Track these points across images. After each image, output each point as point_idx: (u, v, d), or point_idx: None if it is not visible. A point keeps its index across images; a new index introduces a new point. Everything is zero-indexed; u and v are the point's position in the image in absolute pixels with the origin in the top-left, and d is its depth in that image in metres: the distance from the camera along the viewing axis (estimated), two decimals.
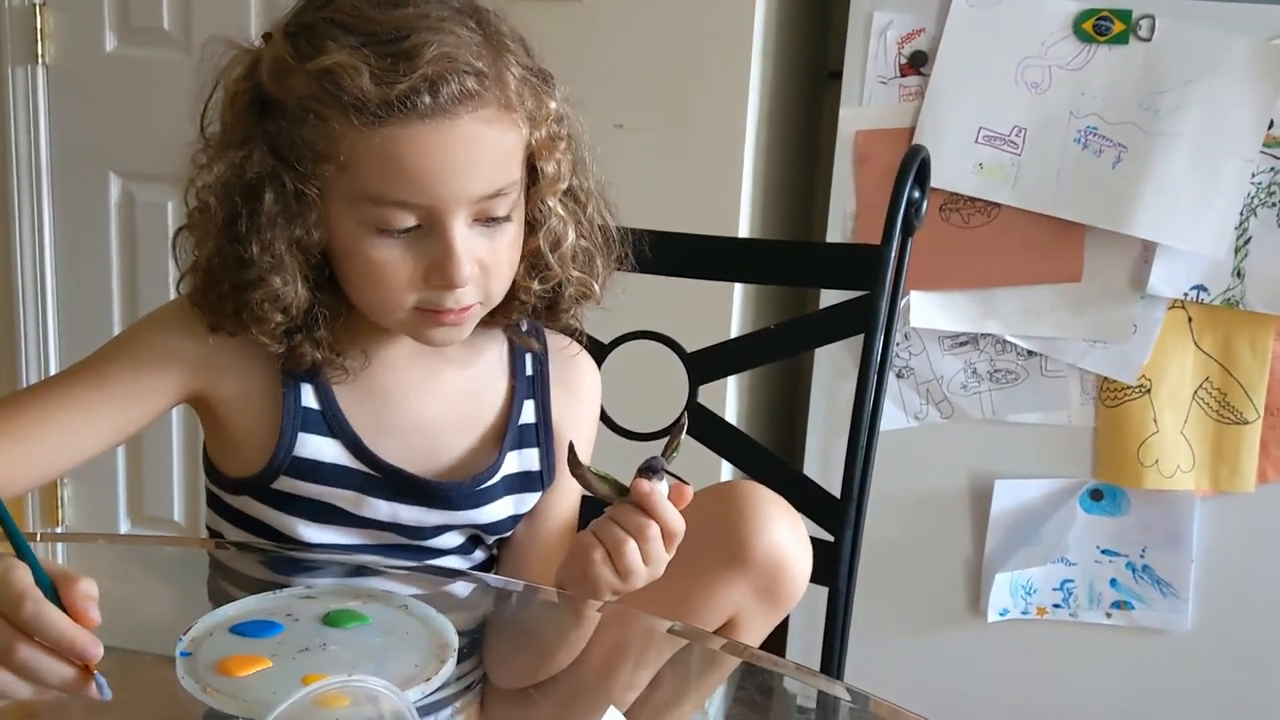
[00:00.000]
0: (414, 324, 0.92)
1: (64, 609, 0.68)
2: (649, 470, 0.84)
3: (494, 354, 1.03)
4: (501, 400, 1.02)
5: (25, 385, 2.18)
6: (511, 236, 0.92)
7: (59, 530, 2.23)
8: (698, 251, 1.24)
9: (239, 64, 0.90)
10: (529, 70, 0.91)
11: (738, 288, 1.84)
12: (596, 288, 0.99)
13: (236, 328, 0.91)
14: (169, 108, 0.94)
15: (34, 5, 2.06)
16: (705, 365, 1.22)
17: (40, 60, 2.08)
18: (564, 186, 0.94)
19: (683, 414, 0.94)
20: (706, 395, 1.23)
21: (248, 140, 0.88)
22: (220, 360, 0.94)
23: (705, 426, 1.22)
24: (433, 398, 0.99)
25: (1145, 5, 1.63)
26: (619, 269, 1.03)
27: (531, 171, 0.93)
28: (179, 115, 0.96)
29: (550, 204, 0.94)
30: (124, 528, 2.23)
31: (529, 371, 1.03)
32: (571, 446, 0.88)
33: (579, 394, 1.06)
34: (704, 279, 1.26)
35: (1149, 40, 1.64)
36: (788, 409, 2.25)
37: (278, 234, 0.88)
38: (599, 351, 1.21)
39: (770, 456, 1.22)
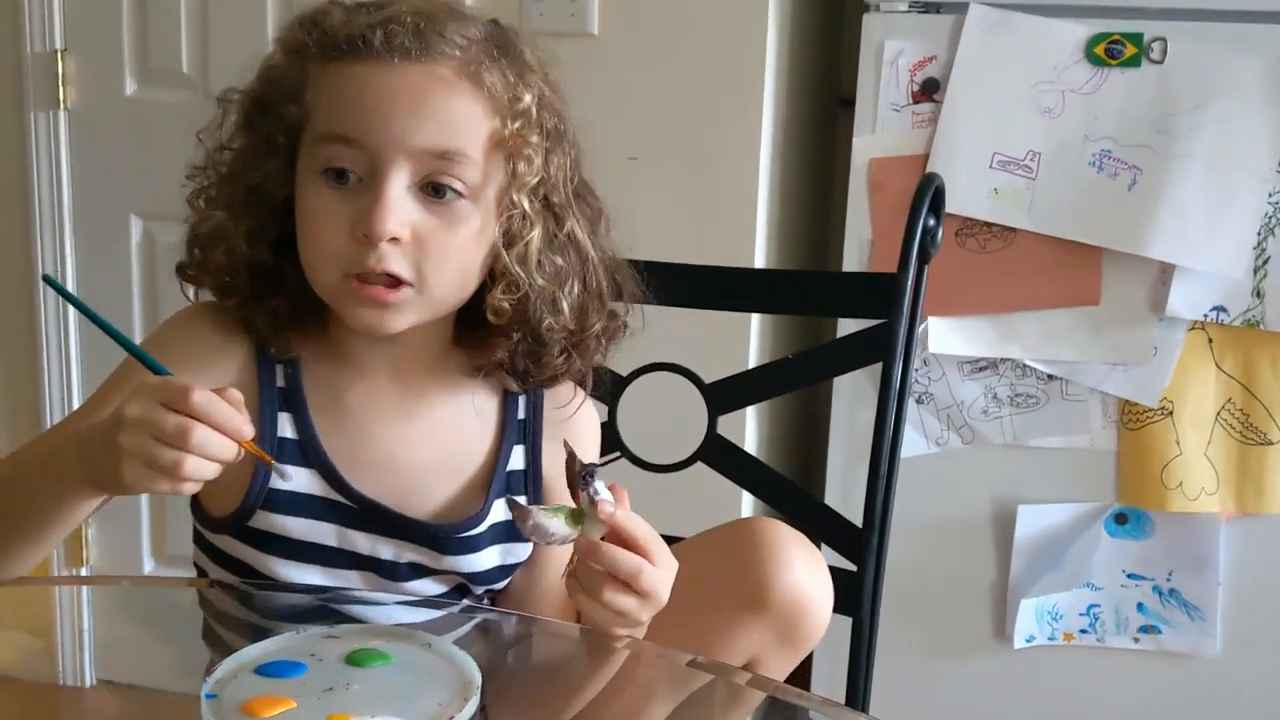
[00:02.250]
0: (343, 296, 0.90)
1: None
2: (583, 479, 0.81)
3: (483, 397, 1.00)
4: (489, 445, 0.99)
5: (49, 425, 2.20)
6: (464, 227, 0.89)
7: (84, 571, 2.23)
8: (714, 283, 1.24)
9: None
10: (525, 77, 0.91)
11: (755, 318, 1.84)
12: (567, 309, 0.94)
13: (194, 270, 0.94)
14: (189, 150, 0.96)
15: (55, 51, 2.08)
16: (724, 396, 1.22)
17: (61, 104, 2.11)
18: (533, 183, 0.91)
19: (565, 447, 0.87)
20: (726, 426, 1.23)
21: (249, 98, 0.94)
22: (202, 380, 0.92)
23: (725, 457, 1.22)
24: (413, 435, 0.97)
25: (1157, 28, 1.63)
26: (632, 301, 1.01)
27: (512, 173, 0.91)
28: (199, 157, 0.98)
29: (515, 198, 0.91)
30: (148, 567, 2.24)
31: (520, 415, 1.01)
32: (512, 502, 0.84)
33: (577, 441, 1.00)
34: (721, 310, 1.27)
35: (1161, 63, 1.64)
36: (808, 438, 2.25)
37: (239, 178, 0.92)
38: (617, 384, 1.21)
39: (791, 486, 1.22)
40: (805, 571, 0.97)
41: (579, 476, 0.82)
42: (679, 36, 1.82)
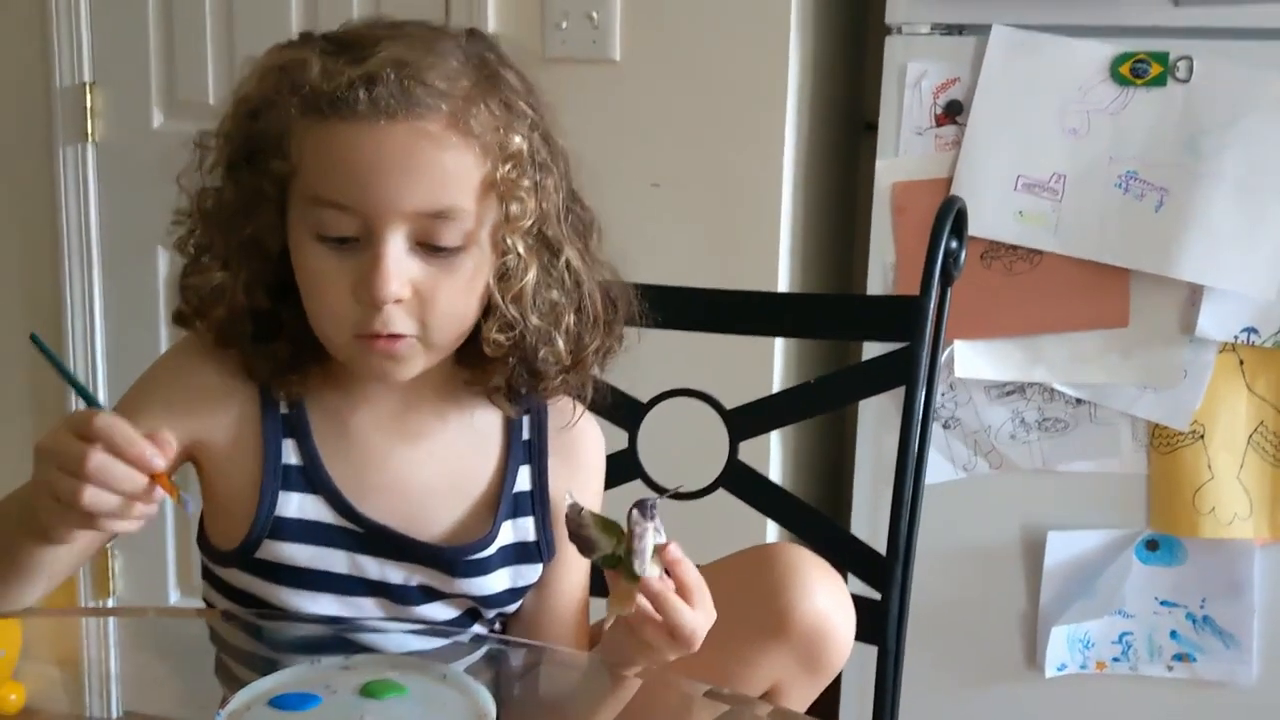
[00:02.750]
0: (354, 353, 0.90)
1: None
2: (651, 509, 0.80)
3: (488, 418, 1.00)
4: (494, 466, 0.99)
5: None
6: (462, 276, 0.88)
7: (110, 602, 2.24)
8: (737, 307, 1.24)
9: (248, 74, 0.93)
10: (510, 110, 0.89)
11: (777, 342, 1.83)
12: (562, 345, 0.93)
13: (193, 321, 0.93)
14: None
15: (83, 84, 2.11)
16: (746, 422, 1.21)
17: (90, 138, 2.13)
18: (527, 225, 0.90)
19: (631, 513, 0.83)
20: (748, 452, 1.22)
21: (229, 140, 0.91)
22: (205, 410, 0.94)
23: (747, 484, 1.21)
24: (419, 459, 0.97)
25: (1182, 47, 1.62)
26: (634, 327, 1.01)
27: (505, 214, 0.90)
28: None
29: (510, 242, 0.90)
30: (174, 598, 2.24)
31: (525, 436, 1.00)
32: (573, 502, 0.84)
33: (579, 464, 1.02)
34: (743, 334, 1.26)
35: (1187, 81, 1.62)
36: (832, 464, 2.23)
37: (231, 229, 0.90)
38: (637, 410, 1.20)
39: (814, 514, 1.21)
40: (827, 597, 0.96)
41: (642, 506, 0.81)
42: (700, 62, 1.82)
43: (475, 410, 0.99)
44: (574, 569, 1.02)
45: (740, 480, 1.21)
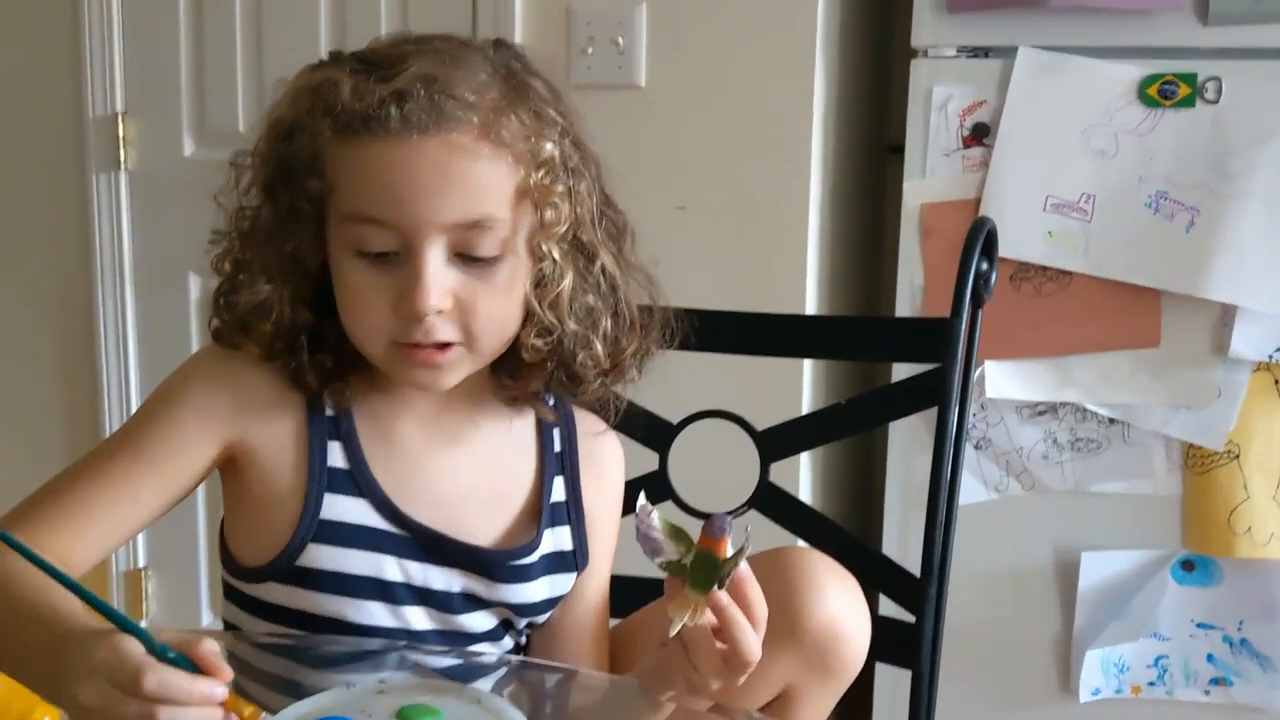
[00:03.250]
0: (393, 362, 0.91)
1: (194, 670, 0.70)
2: (723, 525, 0.79)
3: (522, 427, 1.01)
4: (531, 476, 1.00)
5: None
6: (501, 283, 0.89)
7: (143, 624, 2.25)
8: (765, 329, 1.24)
9: (280, 96, 0.94)
10: (540, 118, 0.90)
11: (807, 364, 1.83)
12: (600, 350, 0.94)
13: (239, 338, 0.93)
14: None
15: (116, 114, 2.14)
16: (776, 443, 1.21)
17: (122, 166, 2.15)
18: (562, 231, 0.91)
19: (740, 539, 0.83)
20: (779, 473, 1.22)
21: (265, 159, 0.92)
22: (249, 411, 0.94)
23: (778, 505, 1.21)
24: (459, 465, 0.98)
25: (1210, 68, 1.62)
26: (667, 347, 1.01)
27: (540, 220, 0.91)
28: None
29: (546, 248, 0.91)
30: (206, 620, 2.25)
31: (557, 448, 1.01)
32: (645, 500, 0.83)
33: (603, 476, 1.04)
34: (772, 356, 1.26)
35: (1216, 102, 1.62)
36: (863, 486, 2.22)
37: (271, 247, 0.91)
38: (668, 432, 1.21)
39: (846, 535, 1.21)
40: (839, 600, 0.95)
41: (719, 520, 0.80)
42: (725, 86, 1.82)
43: (511, 419, 1.00)
44: (596, 578, 1.03)
45: (772, 501, 1.20)
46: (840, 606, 0.95)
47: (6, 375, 2.30)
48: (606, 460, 1.05)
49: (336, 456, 0.94)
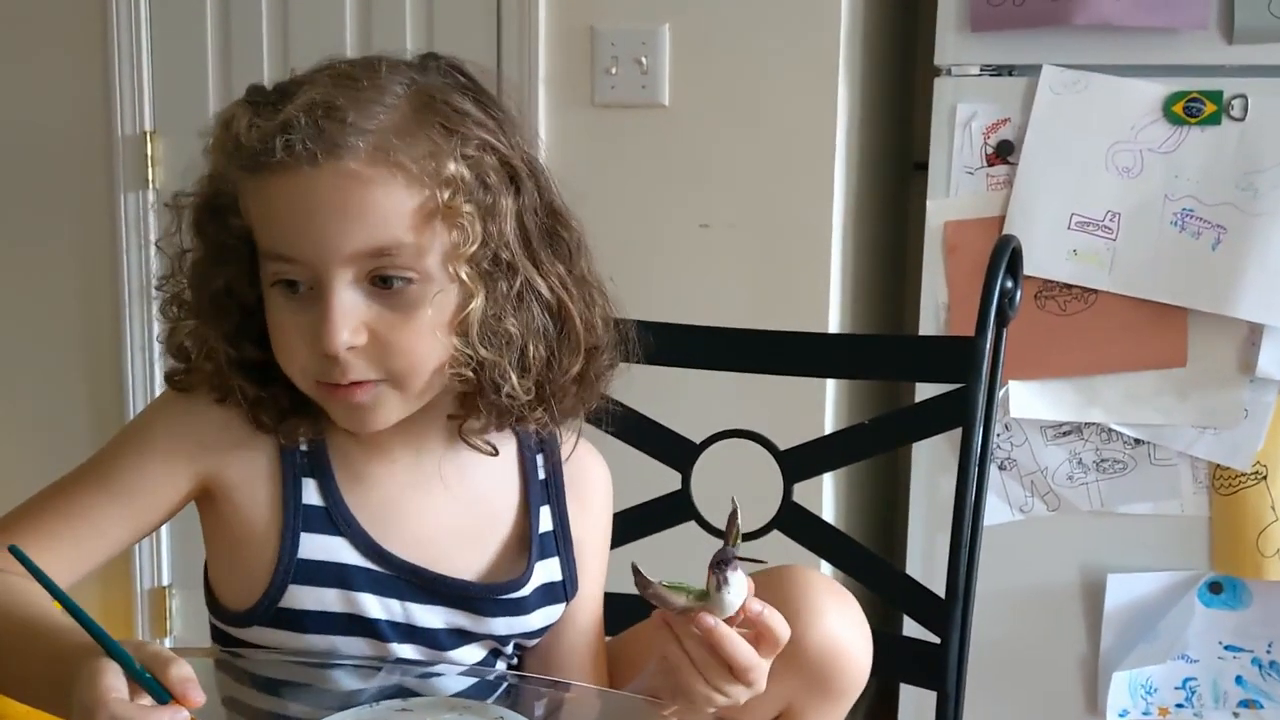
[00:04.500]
0: (323, 401, 0.88)
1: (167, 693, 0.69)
2: (721, 563, 0.78)
3: (501, 457, 0.97)
4: (515, 506, 0.98)
5: None
6: (421, 309, 0.85)
7: (168, 642, 2.26)
8: (788, 348, 1.23)
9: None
10: (455, 134, 0.86)
11: (830, 383, 1.82)
12: (514, 378, 0.88)
13: (186, 377, 0.92)
14: None
15: (145, 133, 2.16)
16: (799, 463, 1.21)
17: (150, 184, 2.17)
18: (469, 253, 0.85)
19: (732, 502, 0.83)
20: (802, 493, 1.21)
21: (197, 199, 0.91)
22: (218, 448, 0.92)
23: (801, 526, 1.20)
24: (437, 502, 0.95)
25: (1236, 85, 1.61)
26: (628, 362, 0.97)
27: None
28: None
29: (452, 270, 0.86)
30: None
31: (541, 475, 0.99)
32: (635, 569, 0.81)
33: (588, 503, 1.01)
34: (795, 375, 1.26)
35: (1242, 120, 1.61)
36: (887, 506, 2.21)
37: (204, 285, 0.90)
38: (690, 451, 1.20)
39: (870, 556, 1.20)
40: (838, 619, 0.94)
41: (716, 563, 0.79)
42: (749, 104, 1.83)
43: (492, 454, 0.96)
44: (588, 604, 1.02)
45: (795, 522, 1.20)
46: (839, 626, 0.94)
47: (34, 391, 2.32)
48: (592, 485, 1.02)
49: (312, 494, 0.92)
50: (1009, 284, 1.13)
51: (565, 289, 0.91)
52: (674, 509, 1.19)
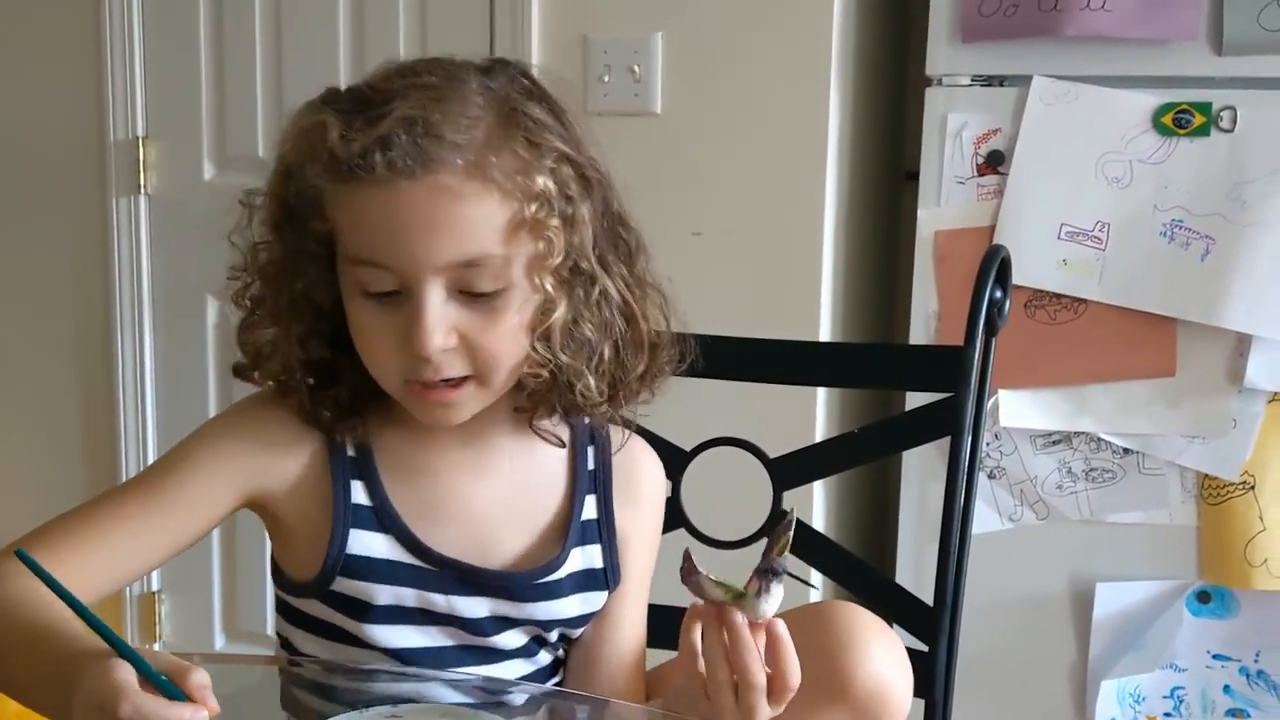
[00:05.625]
0: (408, 399, 0.92)
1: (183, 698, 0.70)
2: (770, 573, 0.79)
3: (554, 454, 1.01)
4: (561, 494, 1.00)
5: None
6: (506, 315, 0.89)
7: (156, 647, 2.26)
8: (779, 356, 1.24)
9: (284, 133, 0.94)
10: (538, 147, 0.89)
11: (821, 392, 1.83)
12: (592, 381, 0.93)
13: (254, 373, 0.94)
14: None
15: (137, 138, 2.16)
16: (789, 471, 1.21)
17: (142, 189, 2.18)
18: (555, 264, 0.89)
19: (790, 511, 0.85)
20: (792, 501, 1.21)
21: (273, 199, 0.93)
22: (270, 463, 0.95)
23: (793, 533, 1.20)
24: (485, 488, 0.98)
25: (1225, 97, 1.62)
26: (679, 370, 1.00)
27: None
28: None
29: (538, 280, 0.89)
30: (219, 643, 2.25)
31: (590, 466, 1.02)
32: (687, 554, 0.83)
33: (640, 497, 1.03)
34: (786, 384, 1.26)
35: (1231, 132, 1.62)
36: (877, 514, 2.22)
37: (281, 285, 0.92)
38: (681, 459, 1.21)
39: (859, 564, 1.20)
40: (886, 659, 0.95)
41: (764, 570, 0.80)
42: (741, 113, 1.83)
43: (539, 441, 0.99)
44: (631, 600, 1.03)
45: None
46: (888, 665, 0.95)
47: (26, 396, 2.32)
48: (644, 482, 1.04)
49: (359, 494, 0.95)
50: (998, 294, 1.13)
51: (630, 290, 0.95)
52: (665, 516, 1.19)
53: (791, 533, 0.82)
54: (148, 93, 2.16)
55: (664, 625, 1.06)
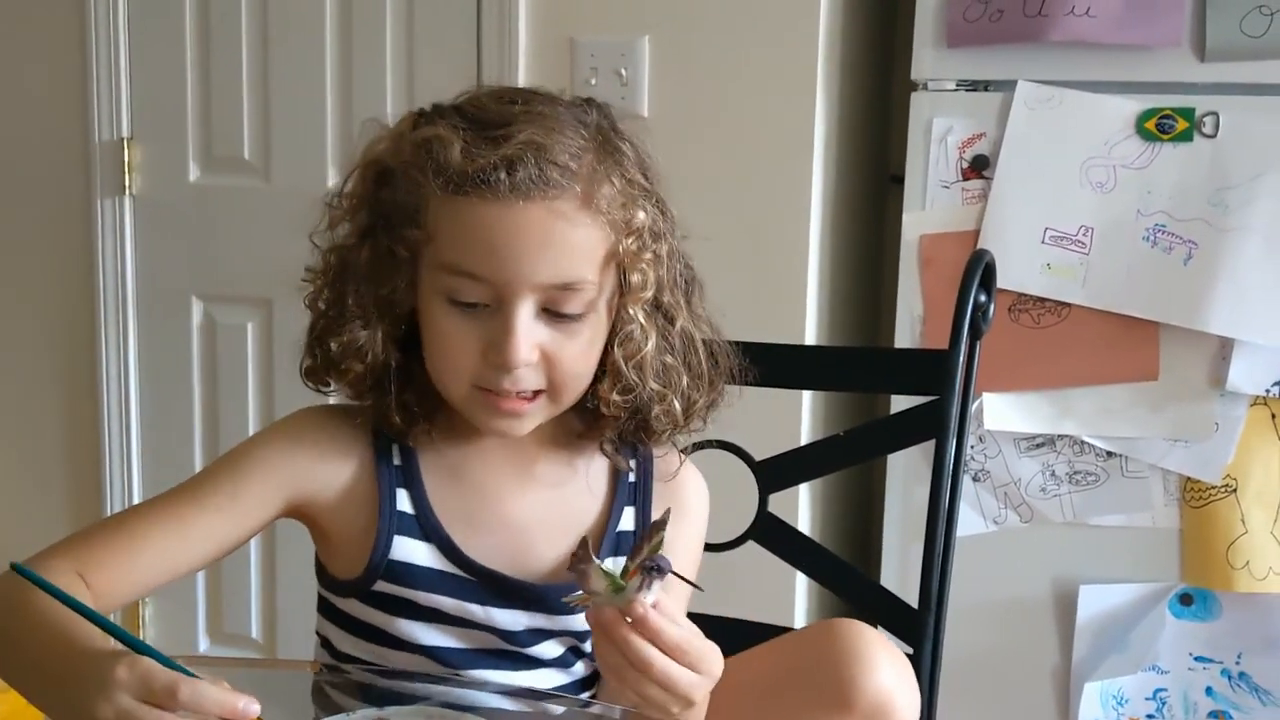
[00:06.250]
0: (474, 404, 0.93)
1: None
2: (656, 570, 0.81)
3: (596, 462, 1.03)
4: (601, 506, 1.02)
5: (109, 504, 2.23)
6: (584, 338, 0.93)
7: None
8: (765, 359, 1.24)
9: (379, 141, 0.96)
10: (631, 183, 0.94)
11: (806, 395, 1.83)
12: (679, 407, 0.98)
13: (328, 376, 0.96)
14: (249, 232, 0.98)
15: (122, 139, 2.15)
16: (775, 474, 1.22)
17: (127, 191, 2.17)
18: (648, 296, 0.95)
19: (666, 510, 0.89)
20: (778, 504, 1.22)
21: (362, 203, 0.95)
22: (319, 472, 0.97)
23: (777, 536, 1.21)
24: (527, 498, 1.00)
25: (1207, 103, 1.63)
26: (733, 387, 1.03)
27: (621, 281, 0.94)
28: (259, 239, 1.00)
29: (632, 311, 0.95)
30: (203, 646, 2.24)
31: (631, 479, 1.03)
32: (585, 542, 0.85)
33: (684, 511, 1.04)
34: (772, 387, 1.26)
35: (1214, 137, 1.63)
36: (862, 517, 2.22)
37: (367, 288, 0.94)
38: None
39: (845, 567, 1.21)
40: (891, 673, 0.96)
41: (645, 566, 0.81)
42: (727, 117, 1.84)
43: (583, 456, 1.02)
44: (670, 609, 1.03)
45: (771, 532, 1.21)
46: (893, 680, 0.96)
47: (9, 396, 2.31)
48: (687, 499, 1.05)
49: (404, 502, 0.97)
50: (982, 298, 1.14)
51: (695, 324, 1.00)
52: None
53: (665, 531, 0.84)
54: (133, 94, 2.15)
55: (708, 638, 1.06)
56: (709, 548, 1.20)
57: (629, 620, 0.81)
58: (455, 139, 0.89)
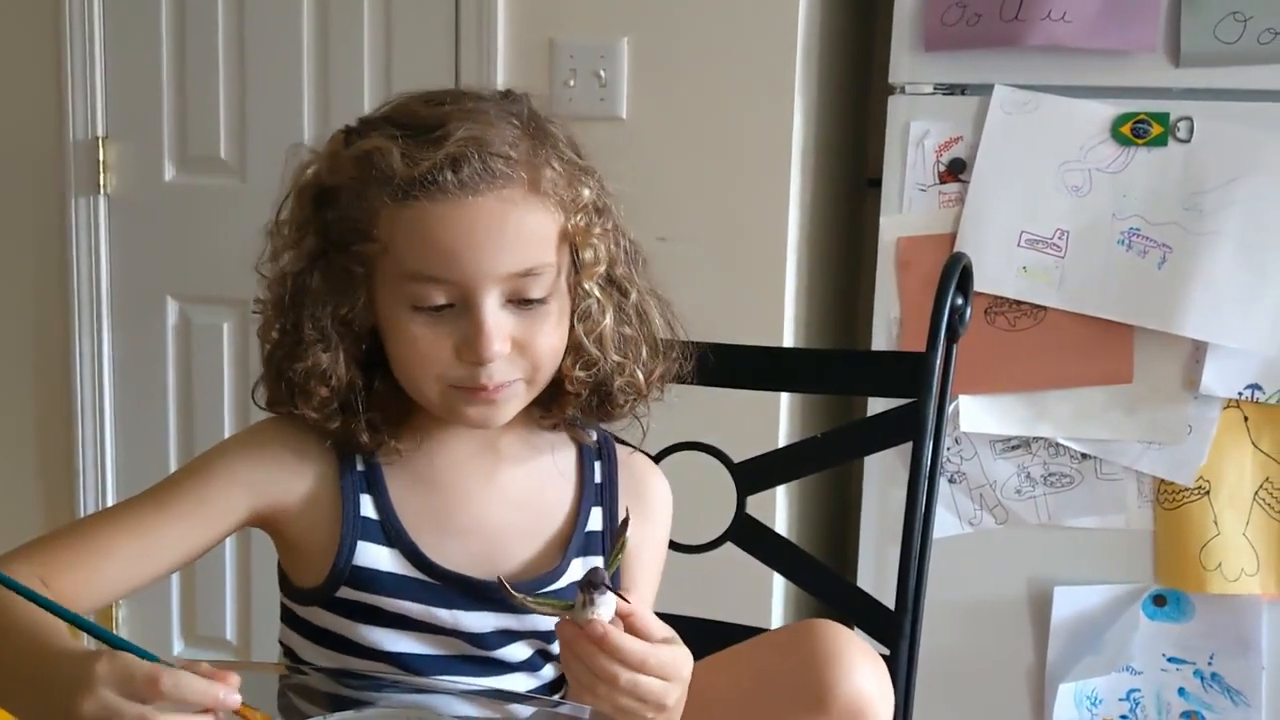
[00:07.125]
0: (450, 401, 0.93)
1: None
2: (589, 585, 0.82)
3: (562, 459, 1.03)
4: (568, 506, 1.02)
5: (82, 503, 2.21)
6: (552, 320, 0.94)
7: None
8: (743, 362, 1.24)
9: (310, 164, 0.96)
10: (569, 164, 0.94)
11: (784, 397, 1.84)
12: (641, 376, 0.99)
13: (292, 404, 0.95)
14: (225, 232, 0.97)
15: (97, 138, 2.14)
16: (753, 475, 1.22)
17: (102, 190, 2.15)
18: (601, 270, 0.96)
19: (625, 516, 0.92)
20: (755, 506, 1.22)
21: (305, 227, 0.95)
22: (284, 480, 0.97)
23: (755, 538, 1.21)
24: (494, 500, 1.00)
25: (1182, 108, 1.64)
26: (680, 381, 1.04)
27: (575, 259, 0.95)
28: (235, 239, 0.99)
29: (587, 287, 0.96)
30: (177, 648, 2.23)
31: (597, 479, 1.03)
32: (501, 580, 0.86)
33: (646, 513, 1.04)
34: (750, 389, 1.26)
35: (1188, 141, 1.64)
36: (839, 518, 2.23)
37: (324, 311, 0.93)
38: None
39: (821, 568, 1.21)
40: (868, 675, 0.96)
41: (585, 584, 0.82)
42: (706, 119, 1.84)
43: (550, 452, 1.02)
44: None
45: (748, 534, 1.21)
46: (869, 681, 0.96)
47: None
48: (652, 497, 1.06)
49: (368, 508, 0.97)
50: (959, 301, 1.15)
51: (643, 297, 1.01)
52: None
53: (625, 538, 0.86)
54: (108, 92, 2.14)
55: (684, 639, 1.06)
56: (688, 549, 1.20)
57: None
58: (394, 147, 0.89)
